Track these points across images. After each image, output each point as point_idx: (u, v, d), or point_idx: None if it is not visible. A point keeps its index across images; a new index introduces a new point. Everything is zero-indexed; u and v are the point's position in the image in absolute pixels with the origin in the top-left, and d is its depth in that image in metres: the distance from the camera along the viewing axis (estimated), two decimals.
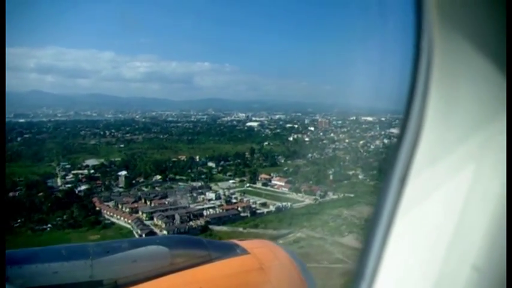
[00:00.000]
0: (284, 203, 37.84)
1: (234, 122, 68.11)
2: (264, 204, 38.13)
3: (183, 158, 49.81)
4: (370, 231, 1.56)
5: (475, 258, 1.39)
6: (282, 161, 49.86)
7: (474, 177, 1.44)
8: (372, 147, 53.51)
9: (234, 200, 38.66)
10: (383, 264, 1.49)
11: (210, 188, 40.12)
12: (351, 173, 42.58)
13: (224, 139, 60.47)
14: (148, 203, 36.54)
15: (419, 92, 1.47)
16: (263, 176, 43.50)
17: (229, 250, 2.70)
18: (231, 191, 40.43)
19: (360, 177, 41.22)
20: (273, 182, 42.33)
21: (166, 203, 36.43)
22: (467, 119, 1.46)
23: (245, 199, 38.68)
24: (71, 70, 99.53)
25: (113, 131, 60.30)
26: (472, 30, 1.36)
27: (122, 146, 56.20)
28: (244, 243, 2.84)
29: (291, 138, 59.71)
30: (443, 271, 1.45)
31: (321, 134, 60.14)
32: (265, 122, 67.38)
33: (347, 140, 56.74)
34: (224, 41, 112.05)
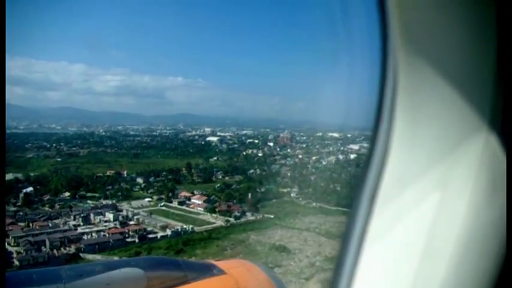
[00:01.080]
0: (188, 226, 32.75)
1: (196, 137, 65.60)
2: (164, 227, 33.03)
3: (111, 173, 45.75)
4: (342, 251, 1.60)
5: (444, 277, 1.45)
6: (220, 177, 45.84)
7: (441, 199, 1.49)
8: (324, 163, 51.18)
9: (132, 222, 33.46)
10: (356, 282, 1.56)
11: (115, 208, 35.01)
12: (285, 190, 38.03)
13: (173, 154, 58.05)
14: (31, 225, 31.21)
15: (386, 114, 1.54)
16: (183, 193, 38.70)
17: (206, 270, 2.62)
18: (137, 210, 35.27)
19: (293, 195, 36.69)
20: (192, 200, 37.47)
21: (50, 225, 31.25)
22: (433, 140, 1.51)
23: (147, 220, 33.50)
24: (41, 82, 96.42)
25: (61, 144, 57.65)
26: (436, 55, 1.42)
27: (59, 159, 52.96)
28: (221, 263, 2.77)
29: (243, 154, 57.18)
30: None
31: (278, 149, 58.26)
32: (228, 137, 65.11)
33: (300, 156, 54.73)
34: (197, 56, 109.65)
